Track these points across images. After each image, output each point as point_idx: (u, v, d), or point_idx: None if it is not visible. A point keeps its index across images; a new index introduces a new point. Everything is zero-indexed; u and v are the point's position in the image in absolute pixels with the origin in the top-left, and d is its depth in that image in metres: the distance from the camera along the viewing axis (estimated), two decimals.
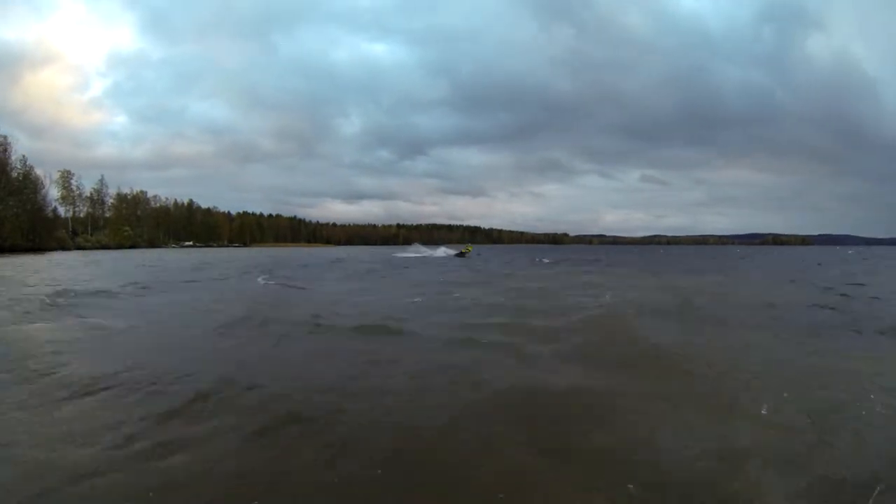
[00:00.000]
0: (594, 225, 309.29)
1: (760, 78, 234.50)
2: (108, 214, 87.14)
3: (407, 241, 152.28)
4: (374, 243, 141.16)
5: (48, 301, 8.77)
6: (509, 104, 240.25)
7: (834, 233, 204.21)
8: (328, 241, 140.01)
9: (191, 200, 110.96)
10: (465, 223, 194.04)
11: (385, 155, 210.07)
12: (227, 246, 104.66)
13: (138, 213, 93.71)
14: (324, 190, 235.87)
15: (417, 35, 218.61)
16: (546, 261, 30.97)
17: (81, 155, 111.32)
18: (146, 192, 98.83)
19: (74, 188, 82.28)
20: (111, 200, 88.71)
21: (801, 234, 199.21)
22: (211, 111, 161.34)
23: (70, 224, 78.00)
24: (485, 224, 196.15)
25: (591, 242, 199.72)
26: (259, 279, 14.97)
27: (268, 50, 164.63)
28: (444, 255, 38.80)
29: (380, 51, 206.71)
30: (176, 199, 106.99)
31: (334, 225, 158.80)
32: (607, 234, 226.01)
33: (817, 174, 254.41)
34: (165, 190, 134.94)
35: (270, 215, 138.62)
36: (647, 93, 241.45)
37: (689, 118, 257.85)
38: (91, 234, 77.90)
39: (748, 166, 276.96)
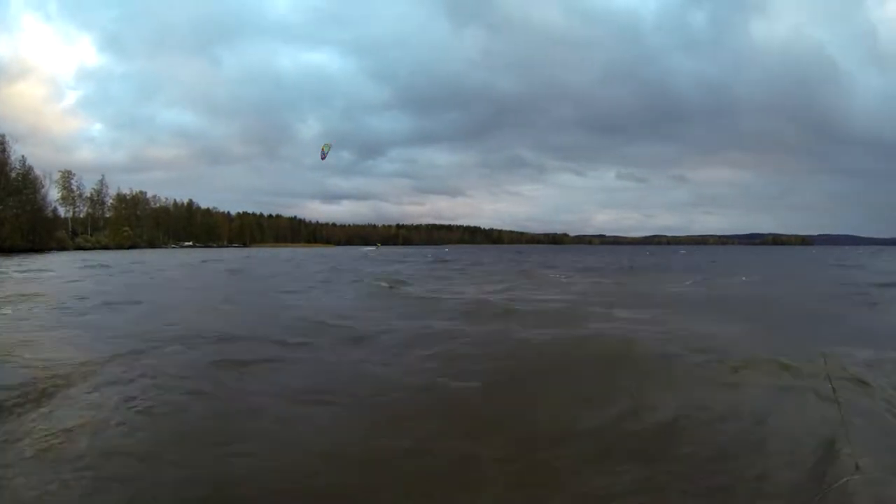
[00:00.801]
0: (587, 225, 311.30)
1: (710, 67, 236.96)
2: (108, 215, 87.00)
3: (407, 241, 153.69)
4: (375, 243, 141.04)
5: None
6: (455, 104, 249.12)
7: (834, 233, 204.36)
8: (328, 242, 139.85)
9: (190, 201, 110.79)
10: (464, 224, 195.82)
11: (347, 156, 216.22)
12: (227, 246, 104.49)
13: (138, 213, 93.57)
14: (299, 191, 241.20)
15: (350, 45, 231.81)
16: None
17: (62, 159, 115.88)
18: (146, 193, 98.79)
19: (75, 188, 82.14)
20: (111, 201, 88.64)
21: (801, 234, 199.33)
22: (178, 118, 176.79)
23: (70, 224, 77.80)
24: (473, 224, 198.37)
25: (590, 242, 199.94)
26: None
27: (214, 63, 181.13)
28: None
29: (319, 60, 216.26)
30: (175, 200, 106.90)
31: (334, 225, 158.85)
32: (607, 234, 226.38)
33: (804, 172, 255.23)
34: (148, 192, 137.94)
35: (270, 215, 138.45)
36: (594, 88, 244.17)
37: (648, 112, 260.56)
38: (91, 235, 77.75)
39: (728, 163, 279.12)
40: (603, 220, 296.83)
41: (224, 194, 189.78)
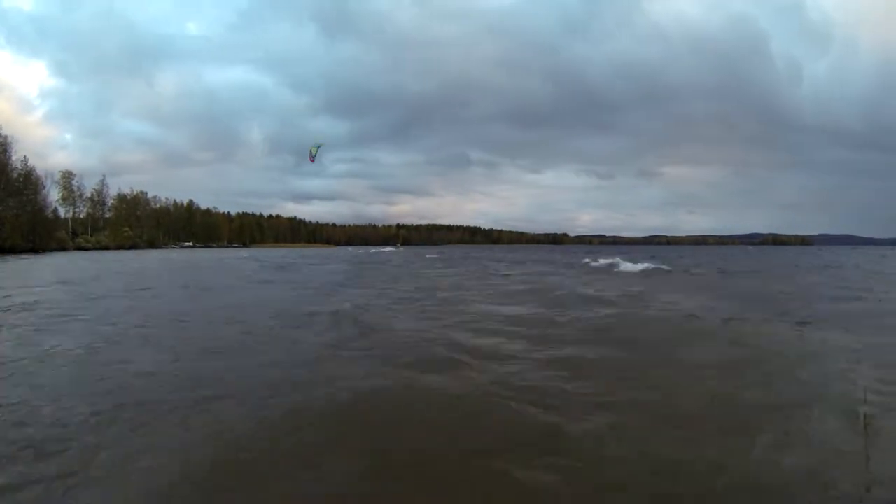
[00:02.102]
0: (576, 225, 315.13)
1: (613, 51, 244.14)
2: (108, 215, 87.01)
3: (407, 242, 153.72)
4: (375, 243, 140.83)
5: None
6: (375, 107, 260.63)
7: (833, 232, 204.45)
8: (328, 242, 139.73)
9: (190, 201, 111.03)
10: (464, 224, 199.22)
11: (290, 159, 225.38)
12: (227, 246, 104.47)
13: (138, 213, 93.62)
14: (266, 191, 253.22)
15: (262, 63, 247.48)
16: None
17: (39, 164, 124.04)
18: (146, 193, 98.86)
19: (75, 189, 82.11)
20: (111, 201, 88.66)
21: (801, 234, 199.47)
22: (135, 129, 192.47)
23: (70, 225, 77.79)
24: (460, 223, 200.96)
25: (591, 242, 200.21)
26: None
27: (150, 82, 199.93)
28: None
29: (241, 76, 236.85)
30: (175, 200, 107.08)
31: (334, 225, 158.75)
32: (607, 234, 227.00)
33: (777, 167, 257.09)
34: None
35: (270, 216, 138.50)
36: (500, 82, 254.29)
37: (572, 102, 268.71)
38: (91, 235, 77.74)
39: (695, 160, 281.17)
40: (591, 220, 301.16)
41: (197, 195, 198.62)
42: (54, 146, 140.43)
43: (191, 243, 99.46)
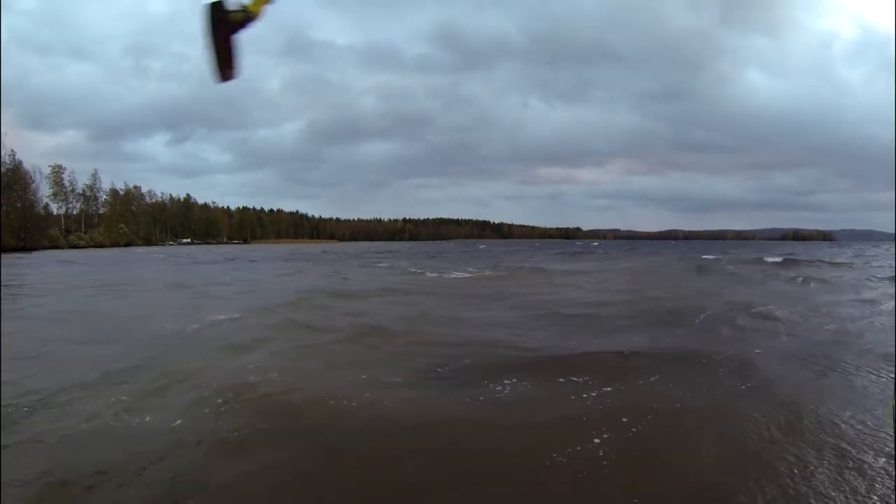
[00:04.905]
0: (566, 220, 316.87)
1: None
2: (101, 211, 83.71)
3: (413, 237, 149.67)
4: (380, 238, 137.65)
5: None
6: None
7: (857, 228, 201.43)
8: (332, 237, 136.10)
9: (188, 195, 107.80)
10: (472, 218, 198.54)
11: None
12: (227, 243, 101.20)
13: (133, 208, 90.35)
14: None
15: None
16: None
17: None
18: (140, 187, 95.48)
19: (66, 183, 78.67)
20: (105, 196, 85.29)
21: (823, 229, 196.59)
22: None
23: (63, 222, 74.66)
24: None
25: (605, 237, 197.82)
26: None
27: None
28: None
29: None
30: (171, 194, 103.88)
31: (337, 220, 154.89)
32: (622, 228, 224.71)
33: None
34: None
35: (271, 210, 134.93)
36: None
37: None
38: (84, 232, 74.56)
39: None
40: (589, 217, 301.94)
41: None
42: None
43: (188, 239, 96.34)
